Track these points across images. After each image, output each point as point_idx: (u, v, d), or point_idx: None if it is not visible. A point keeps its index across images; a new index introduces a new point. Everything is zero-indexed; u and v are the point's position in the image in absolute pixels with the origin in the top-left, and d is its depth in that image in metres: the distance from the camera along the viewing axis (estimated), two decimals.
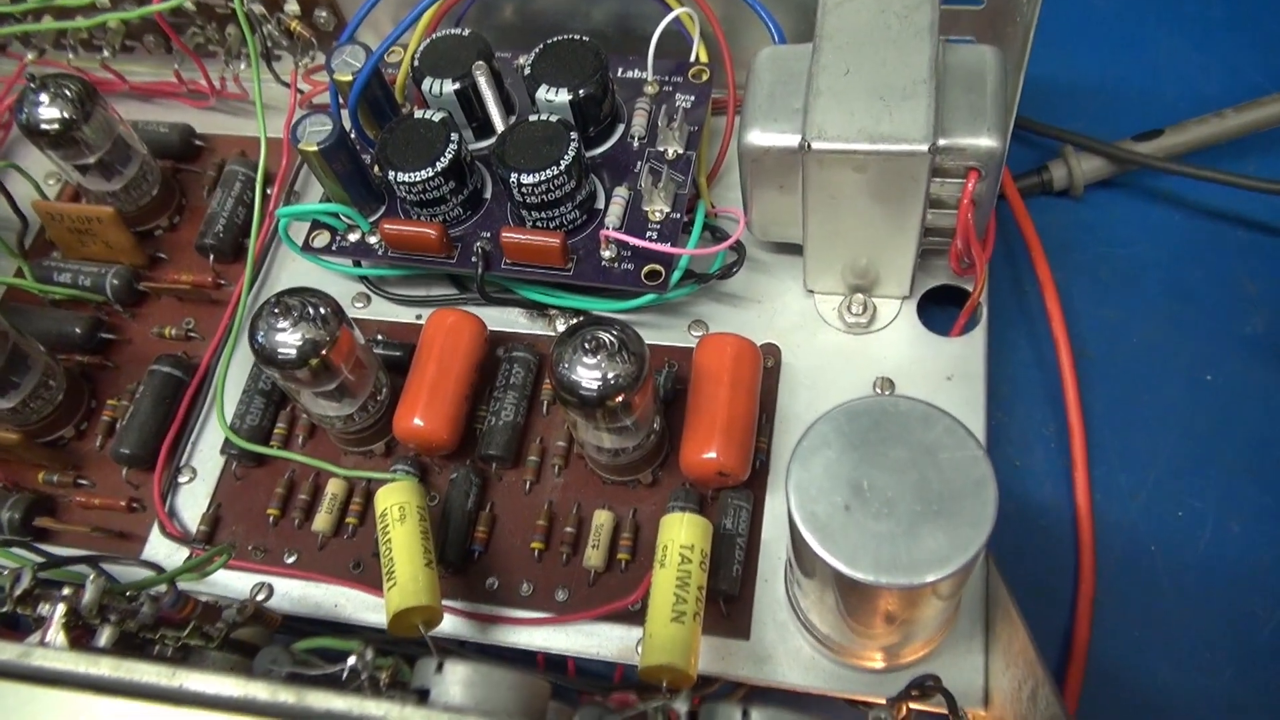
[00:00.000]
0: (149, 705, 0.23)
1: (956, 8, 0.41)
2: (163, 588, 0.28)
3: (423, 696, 0.25)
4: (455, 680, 0.26)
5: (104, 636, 0.28)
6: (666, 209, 0.40)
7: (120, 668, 0.24)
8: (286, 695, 0.23)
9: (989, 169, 0.35)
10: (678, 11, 0.42)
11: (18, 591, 0.27)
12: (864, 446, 0.28)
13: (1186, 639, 0.38)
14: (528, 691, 0.26)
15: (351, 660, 0.26)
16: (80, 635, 0.28)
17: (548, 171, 0.38)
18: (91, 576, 0.26)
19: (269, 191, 0.46)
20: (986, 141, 0.34)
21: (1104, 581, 0.39)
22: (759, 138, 0.36)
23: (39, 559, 0.31)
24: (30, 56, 0.51)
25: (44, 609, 0.27)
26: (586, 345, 0.33)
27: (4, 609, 0.27)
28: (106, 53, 0.50)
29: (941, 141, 0.34)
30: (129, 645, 0.28)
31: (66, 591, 0.27)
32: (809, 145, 0.34)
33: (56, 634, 0.26)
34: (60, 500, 0.42)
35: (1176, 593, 0.39)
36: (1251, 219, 0.47)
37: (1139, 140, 0.47)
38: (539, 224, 0.40)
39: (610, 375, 0.33)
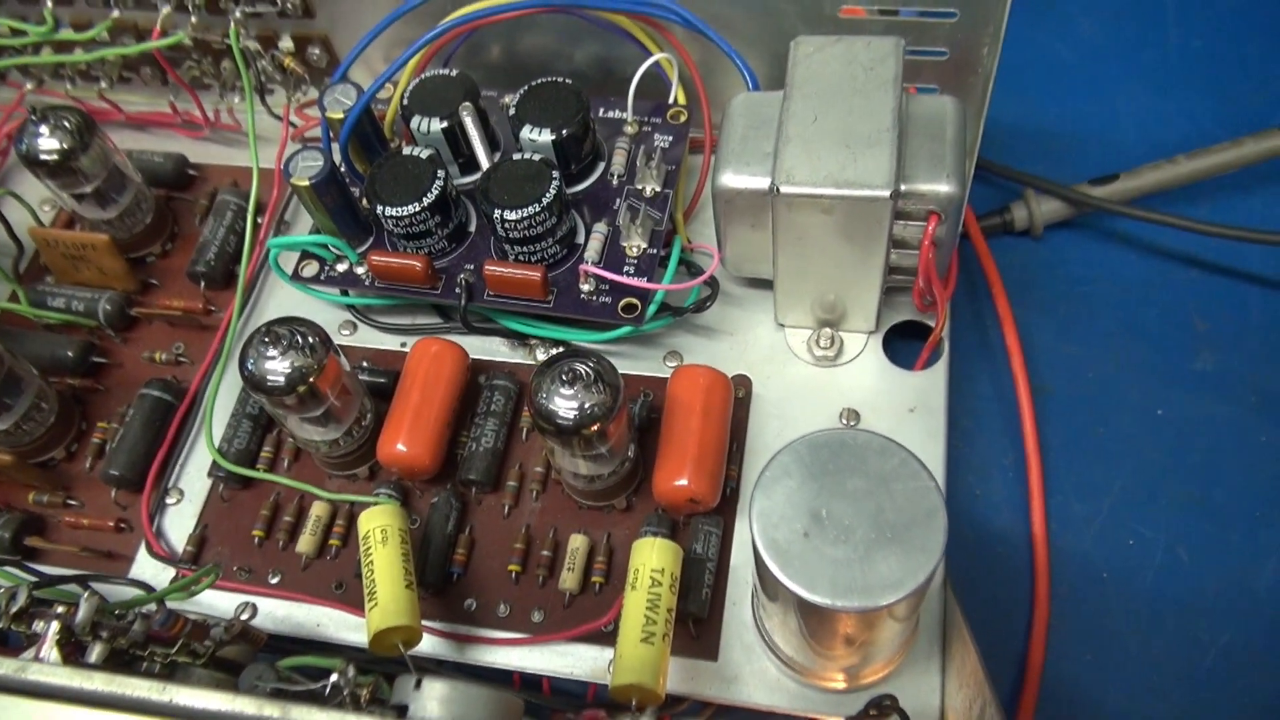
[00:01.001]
0: (140, 719, 0.24)
1: (921, 59, 0.43)
2: (153, 606, 0.30)
3: (401, 713, 0.26)
4: (433, 697, 0.27)
5: (95, 653, 0.29)
6: (644, 245, 0.42)
7: (113, 682, 0.25)
8: (272, 710, 0.24)
9: (949, 212, 0.37)
10: (657, 57, 0.44)
11: (13, 609, 0.28)
12: (824, 476, 0.30)
13: (1136, 662, 0.40)
14: (502, 708, 0.28)
15: (334, 677, 0.27)
16: (71, 652, 0.29)
17: (530, 208, 0.40)
18: (86, 595, 0.28)
19: (260, 221, 0.48)
20: (945, 187, 0.36)
21: (1058, 606, 0.41)
22: (731, 180, 0.38)
23: (32, 578, 0.32)
24: (29, 86, 0.52)
25: (38, 626, 0.28)
26: (564, 376, 0.35)
27: (1, 625, 0.28)
28: (104, 83, 0.51)
29: (903, 187, 0.36)
30: (119, 662, 0.29)
31: (61, 609, 0.28)
32: (778, 189, 0.36)
33: (50, 650, 0.27)
34: (50, 520, 0.43)
35: (1127, 617, 0.41)
36: (1202, 260, 0.49)
37: (1096, 184, 0.49)
38: (521, 258, 0.42)
39: (586, 405, 0.35)
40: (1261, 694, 0.39)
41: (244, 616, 0.39)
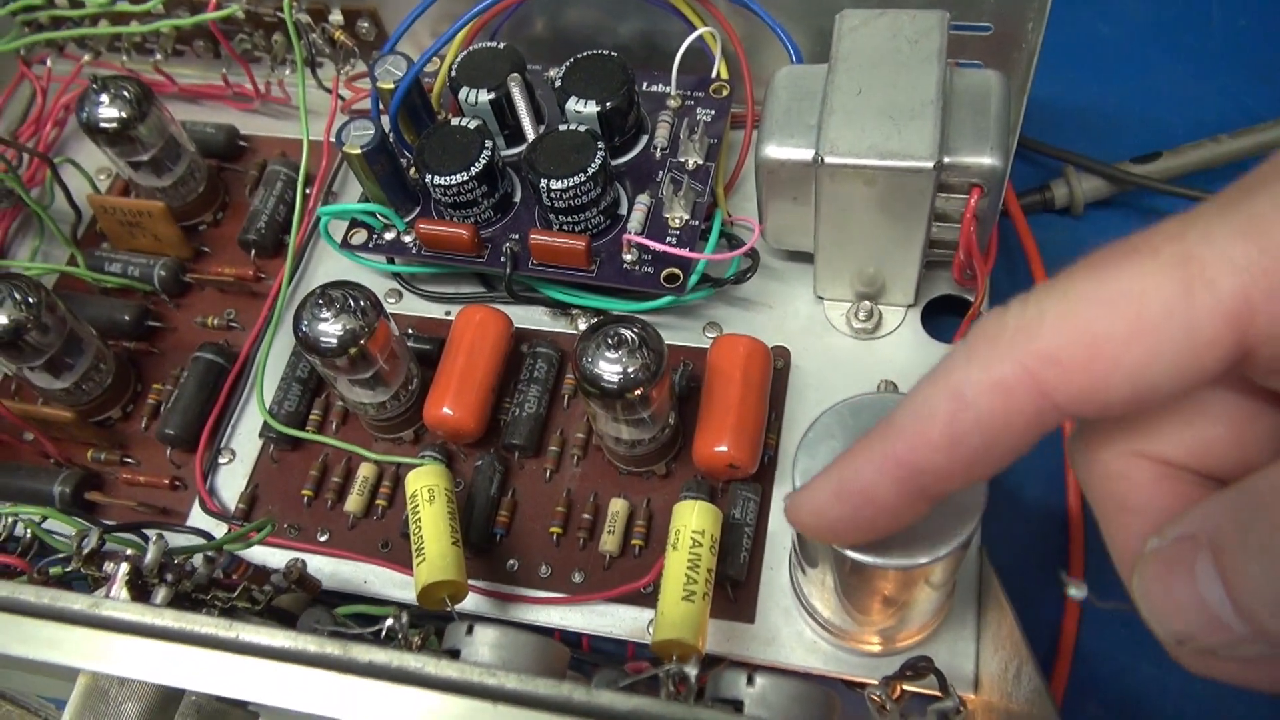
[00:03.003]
0: (208, 651, 0.25)
1: (965, 34, 0.43)
2: (214, 553, 0.31)
3: (455, 655, 0.27)
4: (484, 642, 0.28)
5: (159, 596, 0.30)
6: (686, 216, 0.43)
7: (181, 619, 0.26)
8: (333, 648, 0.25)
9: (991, 186, 0.37)
10: (701, 31, 0.45)
11: (86, 550, 0.29)
12: None
13: None
14: (549, 654, 0.29)
15: (389, 621, 0.28)
16: (137, 595, 0.30)
17: (575, 178, 0.40)
18: (154, 537, 0.29)
19: (308, 191, 0.49)
20: (989, 160, 0.36)
21: (1091, 575, 0.41)
22: (775, 151, 0.39)
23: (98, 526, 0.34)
24: (86, 58, 0.54)
25: (108, 568, 0.29)
26: (609, 341, 0.36)
27: (71, 567, 0.30)
28: (159, 56, 0.53)
29: (946, 159, 0.36)
30: (182, 605, 0.31)
31: (130, 552, 0.29)
32: (822, 159, 0.37)
33: (120, 590, 0.28)
34: (107, 477, 0.44)
35: None
36: None
37: (1138, 162, 0.49)
38: (565, 227, 0.43)
39: (630, 369, 0.35)
40: None
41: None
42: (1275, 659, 0.17)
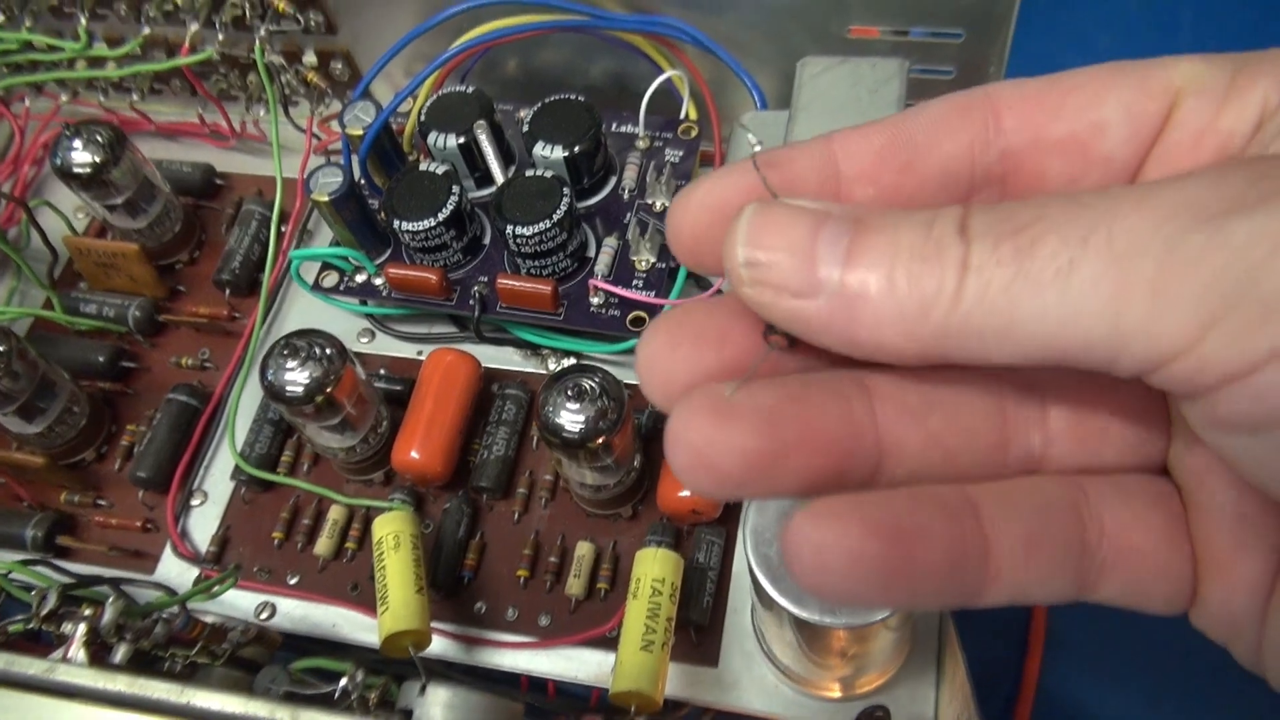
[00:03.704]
0: (159, 719, 0.26)
1: (930, 78, 0.43)
2: (175, 609, 0.31)
3: (406, 716, 0.28)
4: (436, 702, 0.28)
5: (120, 653, 0.30)
6: (652, 259, 0.43)
7: (134, 684, 0.26)
8: (283, 714, 0.26)
9: None
10: (669, 74, 0.45)
11: (44, 610, 0.29)
12: None
13: (1132, 671, 0.40)
14: (503, 715, 0.29)
15: (343, 681, 0.29)
16: (98, 651, 0.31)
17: (541, 224, 0.41)
18: (111, 598, 0.29)
19: (283, 230, 0.49)
20: None
21: (1054, 616, 0.41)
22: None
23: (62, 578, 0.34)
24: (64, 98, 0.54)
25: (66, 627, 0.30)
26: (570, 391, 0.36)
27: (31, 625, 0.30)
28: (135, 95, 0.53)
29: None
30: (143, 662, 0.31)
31: (88, 612, 0.29)
32: None
33: (78, 651, 0.29)
34: (80, 519, 0.45)
35: (1124, 627, 0.41)
36: None
37: None
38: (533, 271, 0.43)
39: (591, 419, 0.36)
40: (1257, 701, 0.39)
41: (263, 616, 0.41)
42: (825, 313, 0.15)
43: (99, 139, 0.45)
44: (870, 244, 0.15)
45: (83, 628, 0.29)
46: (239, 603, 0.41)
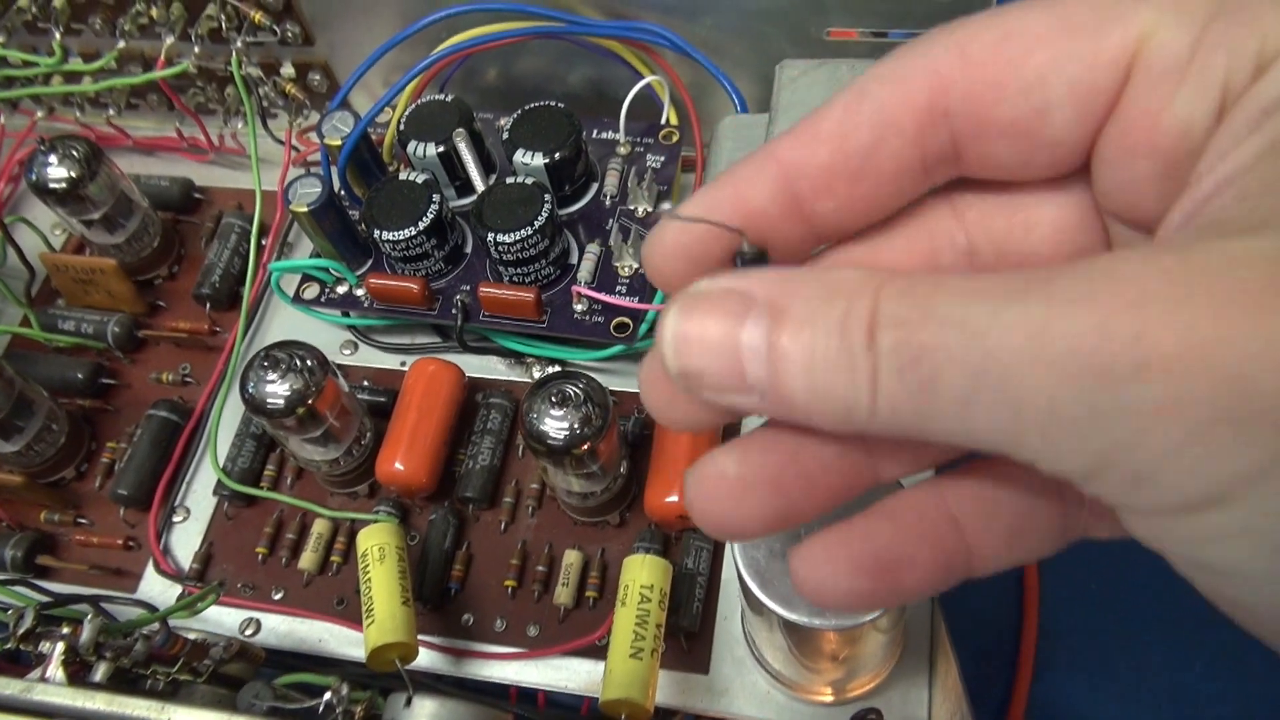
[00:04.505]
0: None
1: None
2: (155, 626, 0.31)
3: None
4: (423, 714, 0.28)
5: (99, 672, 0.30)
6: (635, 265, 0.43)
7: (114, 702, 0.26)
8: None
9: None
10: (649, 79, 0.45)
11: (20, 630, 0.29)
12: None
13: (1124, 673, 0.40)
14: None
15: (327, 696, 0.28)
16: (78, 670, 0.30)
17: (522, 232, 0.41)
18: (89, 616, 0.29)
19: (264, 243, 0.49)
20: None
21: (1046, 618, 0.41)
22: None
23: (41, 598, 0.33)
24: (40, 114, 0.54)
25: (44, 646, 0.29)
26: (553, 398, 0.36)
27: (7, 646, 0.30)
28: (112, 110, 0.53)
29: None
30: (123, 680, 0.30)
31: (66, 630, 0.29)
32: None
33: (56, 670, 0.28)
34: (60, 538, 0.44)
35: (1116, 629, 0.41)
36: None
37: None
38: (515, 279, 0.43)
39: (575, 425, 0.35)
40: (1248, 704, 0.39)
41: (248, 632, 0.40)
42: (755, 409, 0.16)
43: (75, 154, 0.45)
44: (788, 349, 0.15)
45: (60, 646, 0.28)
46: (224, 619, 0.41)
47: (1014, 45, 0.16)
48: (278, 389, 0.37)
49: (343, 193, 0.45)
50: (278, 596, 0.41)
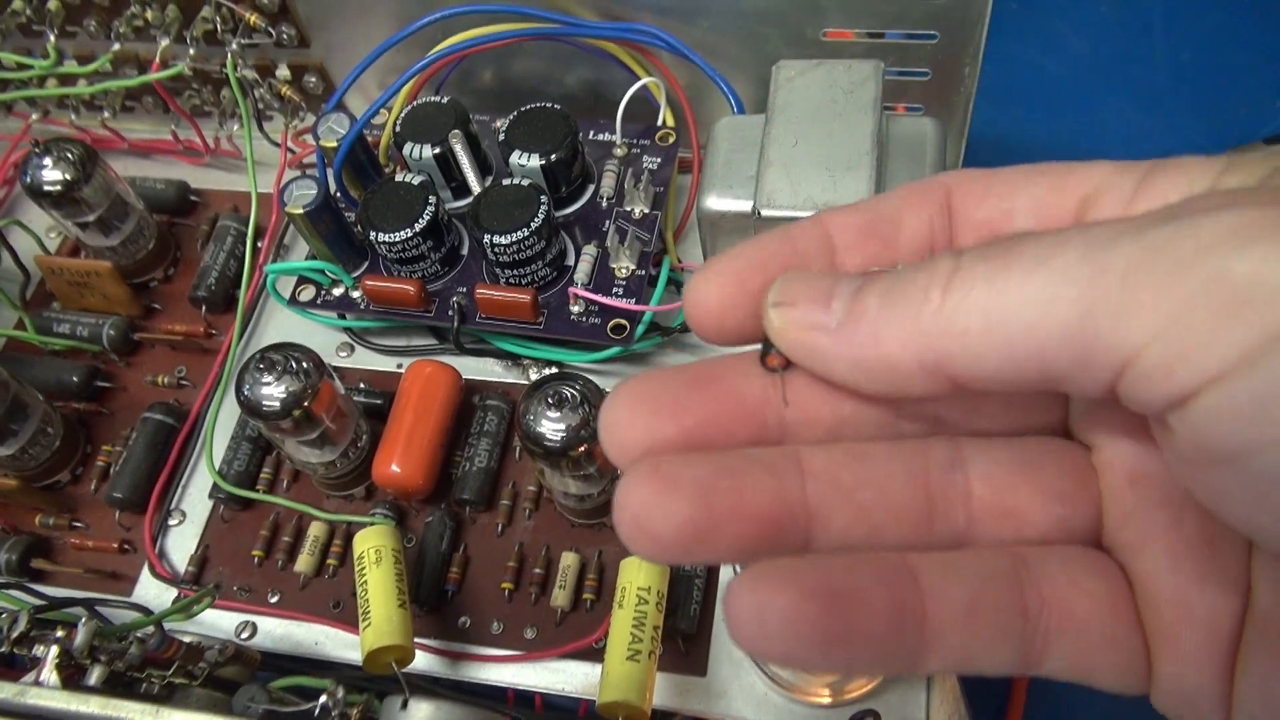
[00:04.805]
0: None
1: (906, 80, 0.43)
2: (150, 629, 0.31)
3: None
4: (419, 717, 0.28)
5: (94, 675, 0.30)
6: (632, 266, 0.43)
7: (108, 706, 0.26)
8: None
9: None
10: (645, 81, 0.45)
11: (14, 634, 0.29)
12: None
13: None
14: None
15: (323, 699, 0.28)
16: (73, 674, 0.30)
17: (519, 233, 0.40)
18: (83, 619, 0.29)
19: (259, 245, 0.49)
20: None
21: None
22: (716, 202, 0.39)
23: (36, 601, 0.33)
24: (35, 116, 0.54)
25: (39, 650, 0.29)
26: (550, 400, 0.36)
27: (1, 650, 0.29)
28: (107, 113, 0.53)
29: None
30: (118, 684, 0.30)
31: (60, 634, 0.29)
32: (759, 213, 0.37)
33: (50, 674, 0.28)
34: (55, 542, 0.44)
35: None
36: None
37: None
38: (511, 280, 0.43)
39: (572, 427, 0.35)
40: None
41: (244, 636, 0.40)
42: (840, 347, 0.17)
43: (69, 156, 0.45)
44: (873, 280, 0.17)
45: (55, 650, 0.28)
46: (220, 623, 0.41)
47: (1004, 173, 0.19)
48: (273, 391, 0.37)
49: (338, 195, 0.45)
50: (274, 599, 0.41)
